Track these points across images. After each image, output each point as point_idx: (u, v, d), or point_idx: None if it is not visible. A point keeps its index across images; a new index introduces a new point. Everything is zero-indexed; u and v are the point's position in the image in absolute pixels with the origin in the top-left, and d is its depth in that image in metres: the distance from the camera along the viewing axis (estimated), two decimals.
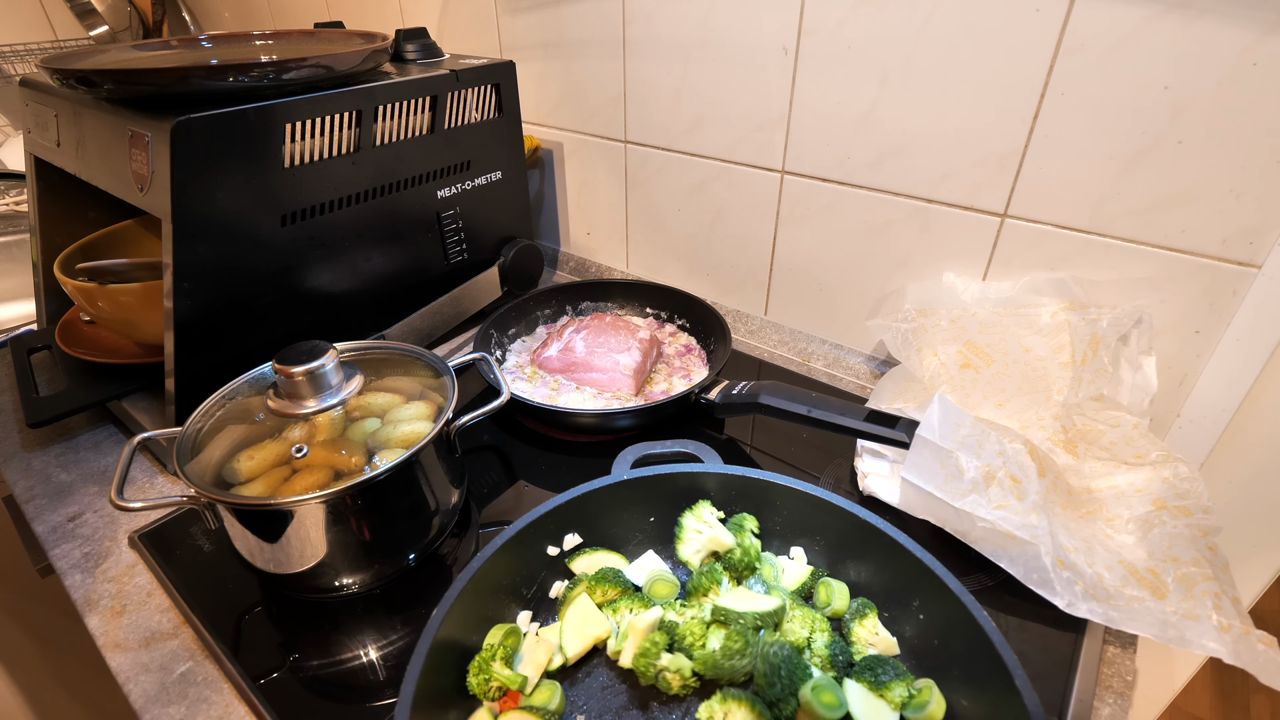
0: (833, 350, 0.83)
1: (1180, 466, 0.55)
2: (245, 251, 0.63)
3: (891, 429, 0.56)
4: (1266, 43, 0.49)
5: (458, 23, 1.04)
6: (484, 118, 0.82)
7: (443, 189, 0.80)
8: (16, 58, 1.43)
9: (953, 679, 0.43)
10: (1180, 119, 0.54)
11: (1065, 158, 0.60)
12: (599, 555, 0.53)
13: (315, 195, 0.67)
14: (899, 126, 0.68)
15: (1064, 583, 0.46)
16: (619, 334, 0.77)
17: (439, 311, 0.84)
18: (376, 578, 0.54)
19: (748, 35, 0.73)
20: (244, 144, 0.60)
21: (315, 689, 0.48)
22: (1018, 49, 0.58)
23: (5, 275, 1.04)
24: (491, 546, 0.47)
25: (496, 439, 0.72)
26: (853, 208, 0.74)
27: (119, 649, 0.52)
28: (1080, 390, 0.61)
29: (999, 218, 0.66)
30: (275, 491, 0.49)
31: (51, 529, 0.62)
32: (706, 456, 0.57)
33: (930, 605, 0.46)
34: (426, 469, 0.53)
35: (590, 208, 1.03)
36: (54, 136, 0.72)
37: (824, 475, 0.66)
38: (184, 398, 0.62)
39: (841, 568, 0.52)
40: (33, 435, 0.73)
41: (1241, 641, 0.44)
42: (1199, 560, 0.49)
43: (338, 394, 0.54)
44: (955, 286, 0.69)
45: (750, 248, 0.86)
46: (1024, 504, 0.49)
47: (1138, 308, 0.60)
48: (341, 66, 0.66)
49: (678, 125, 0.85)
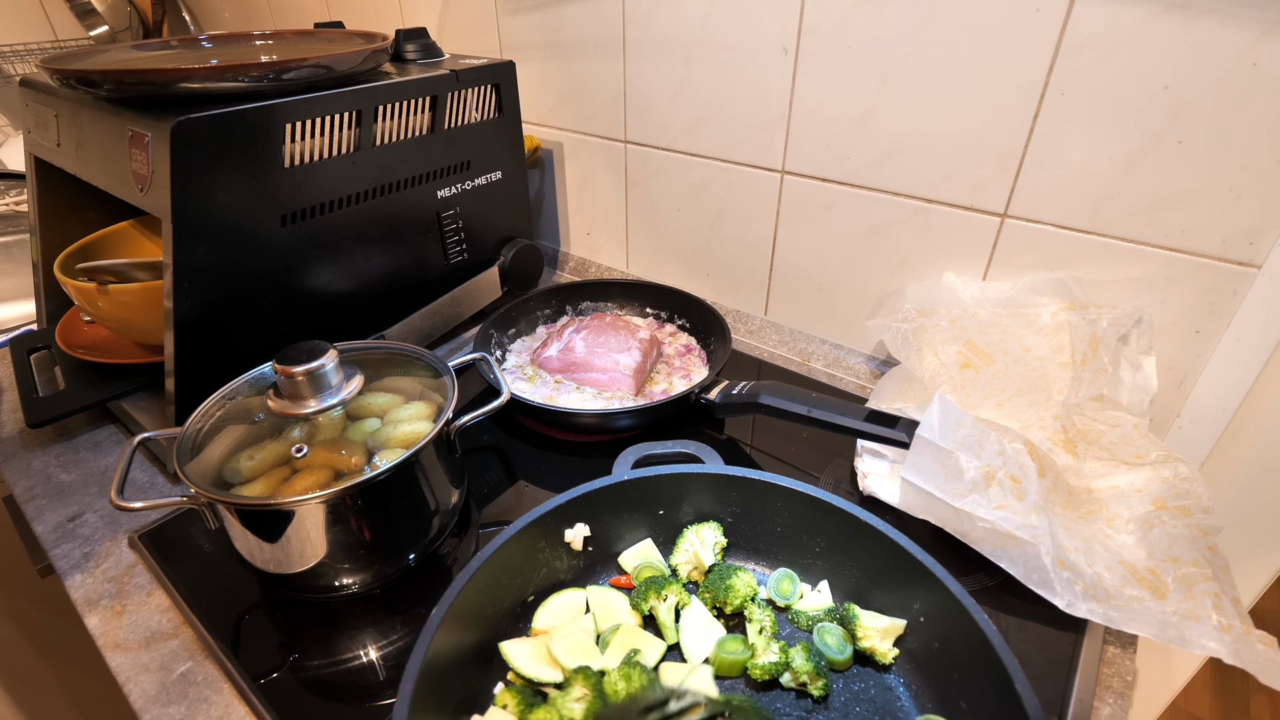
0: (833, 350, 0.83)
1: (1180, 466, 0.55)
2: (245, 251, 0.63)
3: (891, 429, 0.56)
4: (1266, 43, 0.49)
5: (458, 23, 1.04)
6: (484, 118, 0.82)
7: (443, 189, 0.80)
8: (16, 58, 1.43)
9: (952, 680, 0.43)
10: (1180, 119, 0.54)
11: (1065, 158, 0.60)
12: (564, 598, 0.51)
13: (315, 195, 0.67)
14: (899, 126, 0.68)
15: (1064, 583, 0.46)
16: (619, 334, 0.77)
17: (439, 311, 0.84)
18: (376, 578, 0.54)
19: (748, 35, 0.73)
20: (244, 144, 0.60)
21: (315, 689, 0.48)
22: (1018, 49, 0.58)
23: (5, 275, 1.04)
24: (491, 546, 0.47)
25: (496, 439, 0.72)
26: (853, 208, 0.74)
27: (119, 649, 0.52)
28: (1080, 390, 0.61)
29: (999, 218, 0.66)
30: (275, 491, 0.49)
31: (51, 529, 0.62)
32: (707, 456, 0.57)
33: (930, 606, 0.46)
34: (426, 469, 0.53)
35: (590, 208, 1.03)
36: (54, 136, 0.72)
37: (824, 475, 0.66)
38: (184, 398, 0.62)
39: (842, 569, 0.52)
40: (33, 435, 0.73)
41: (1241, 641, 0.44)
42: (1199, 560, 0.49)
43: (338, 394, 0.54)
44: (955, 286, 0.69)
45: (750, 248, 0.86)
46: (1024, 504, 0.49)
47: (1138, 308, 0.60)
48: (341, 66, 0.66)
49: (678, 125, 0.85)
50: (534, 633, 0.49)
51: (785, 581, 0.52)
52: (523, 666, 0.46)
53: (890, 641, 0.47)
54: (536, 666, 0.46)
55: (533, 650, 0.47)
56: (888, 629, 0.47)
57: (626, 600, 0.51)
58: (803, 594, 0.52)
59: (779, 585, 0.52)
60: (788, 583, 0.52)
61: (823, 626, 0.48)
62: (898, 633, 0.47)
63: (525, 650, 0.47)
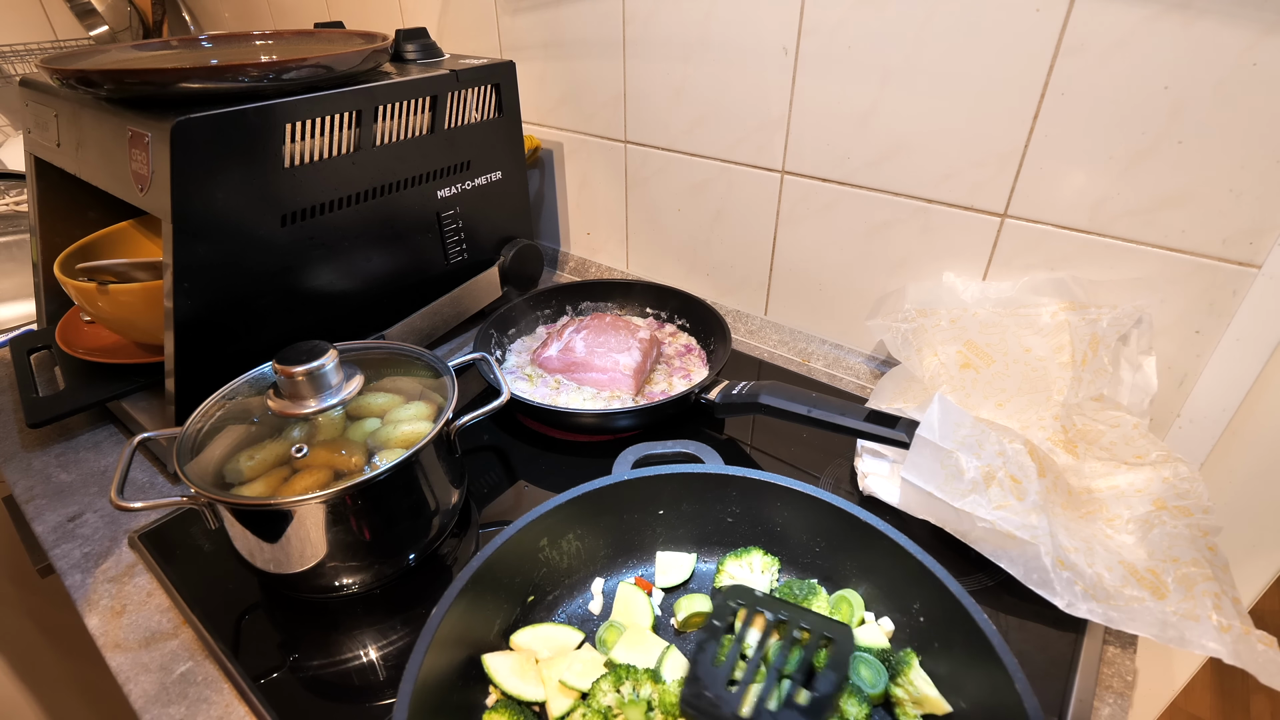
0: (833, 350, 0.83)
1: (1180, 466, 0.55)
2: (245, 251, 0.63)
3: (891, 429, 0.56)
4: (1266, 43, 0.49)
5: (458, 23, 1.04)
6: (484, 118, 0.82)
7: (443, 189, 0.80)
8: (16, 58, 1.43)
9: (952, 680, 0.43)
10: (1180, 119, 0.54)
11: (1065, 158, 0.60)
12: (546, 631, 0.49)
13: (315, 195, 0.67)
14: (899, 126, 0.68)
15: (1064, 583, 0.46)
16: (619, 334, 0.77)
17: (439, 311, 0.84)
18: (376, 578, 0.54)
19: (748, 35, 0.73)
20: (244, 144, 0.60)
21: (315, 689, 0.48)
22: (1018, 49, 0.58)
23: (5, 275, 1.04)
24: (491, 546, 0.47)
25: (496, 439, 0.72)
26: (853, 208, 0.74)
27: (119, 649, 0.52)
28: (1080, 390, 0.61)
29: (999, 218, 0.66)
30: (275, 491, 0.49)
31: (51, 529, 0.62)
32: (707, 456, 0.57)
33: (930, 606, 0.46)
34: (426, 469, 0.53)
35: (590, 208, 1.03)
36: (54, 136, 0.72)
37: (824, 475, 0.66)
38: (184, 398, 0.62)
39: (842, 570, 0.51)
40: (33, 435, 0.73)
41: (1241, 641, 0.44)
42: (1199, 560, 0.49)
43: (338, 394, 0.54)
44: (955, 286, 0.69)
45: (750, 248, 0.86)
46: (1024, 504, 0.49)
47: (1138, 308, 0.60)
48: (341, 66, 0.66)
49: (678, 125, 0.85)
50: (514, 647, 0.48)
51: (844, 604, 0.49)
52: (505, 682, 0.45)
53: (922, 712, 0.44)
54: (519, 683, 0.45)
55: (516, 665, 0.46)
56: (930, 701, 0.43)
57: (647, 601, 0.50)
58: (862, 620, 0.49)
59: (837, 607, 0.49)
60: (847, 606, 0.49)
61: (860, 656, 0.45)
62: (939, 710, 0.43)
63: (508, 665, 0.46)
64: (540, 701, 0.45)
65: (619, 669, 0.44)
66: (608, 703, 0.42)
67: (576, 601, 0.52)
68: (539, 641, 0.48)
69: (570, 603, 0.52)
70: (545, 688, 0.45)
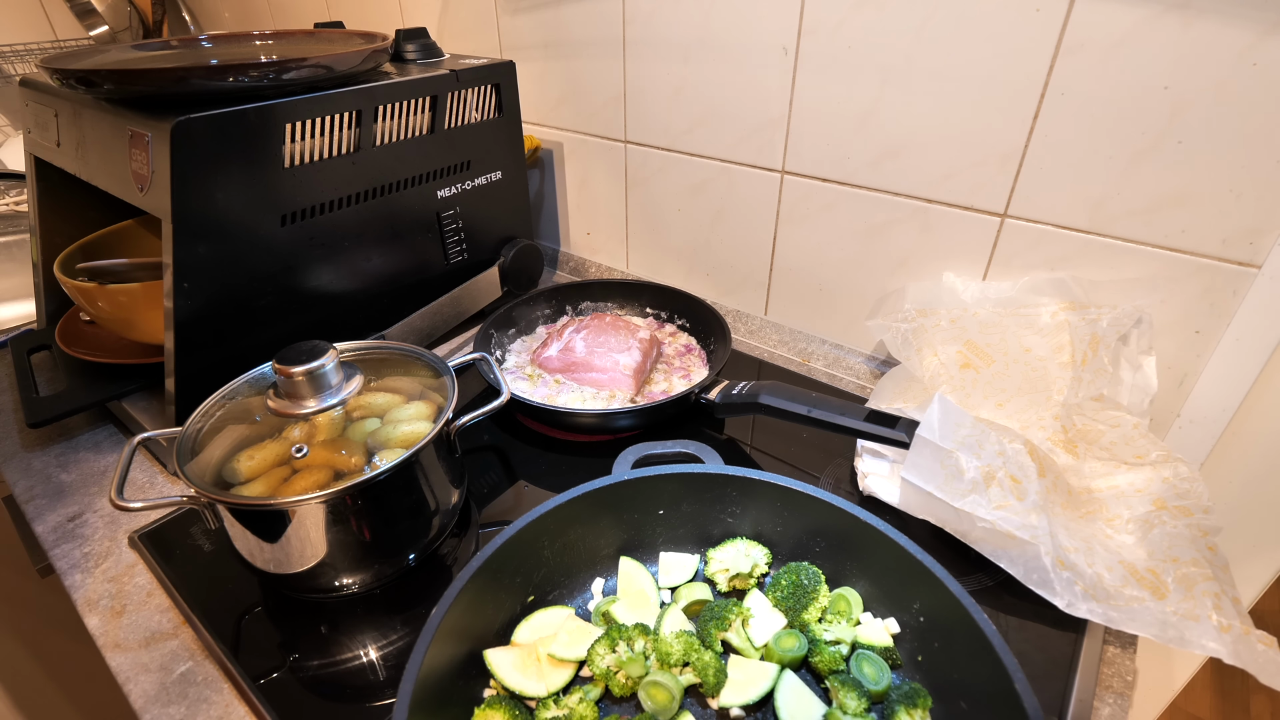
0: (833, 350, 0.83)
1: (1180, 466, 0.55)
2: (245, 251, 0.63)
3: (891, 429, 0.56)
4: (1266, 43, 0.49)
5: (458, 23, 1.04)
6: (484, 118, 0.82)
7: (443, 189, 0.80)
8: (16, 58, 1.43)
9: (952, 680, 0.43)
10: (1180, 119, 0.54)
11: (1065, 158, 0.60)
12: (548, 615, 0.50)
13: (315, 195, 0.67)
14: (899, 126, 0.68)
15: (1064, 583, 0.46)
16: (619, 334, 0.77)
17: (439, 311, 0.84)
18: (376, 578, 0.54)
19: (748, 35, 0.73)
20: (244, 144, 0.60)
21: (315, 689, 0.48)
22: (1018, 49, 0.58)
23: (5, 275, 1.04)
24: (491, 546, 0.47)
25: (496, 439, 0.72)
26: (853, 208, 0.74)
27: (119, 649, 0.52)
28: (1080, 390, 0.61)
29: (999, 218, 0.66)
30: (275, 491, 0.49)
31: (51, 529, 0.62)
32: (707, 456, 0.57)
33: (930, 606, 0.46)
34: (426, 469, 0.53)
35: (590, 208, 1.03)
36: (54, 136, 0.72)
37: (824, 475, 0.66)
38: (184, 398, 0.62)
39: (842, 569, 0.51)
40: (33, 435, 0.73)
41: (1241, 641, 0.44)
42: (1199, 560, 0.49)
43: (338, 394, 0.54)
44: (955, 286, 0.69)
45: (750, 248, 0.86)
46: (1024, 504, 0.49)
47: (1138, 308, 0.60)
48: (341, 66, 0.66)
49: (678, 125, 0.85)
50: (515, 644, 0.48)
51: (842, 602, 0.49)
52: (507, 678, 0.45)
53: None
54: (520, 678, 0.45)
55: (518, 660, 0.46)
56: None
57: (650, 575, 0.52)
58: (858, 621, 0.49)
59: (835, 604, 0.49)
60: (845, 604, 0.49)
61: (863, 653, 0.46)
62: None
63: (510, 660, 0.46)
64: (543, 697, 0.45)
65: (611, 631, 0.44)
66: (607, 664, 0.43)
67: (576, 601, 0.53)
68: (533, 632, 0.48)
69: (570, 602, 0.52)
70: (540, 666, 0.45)
